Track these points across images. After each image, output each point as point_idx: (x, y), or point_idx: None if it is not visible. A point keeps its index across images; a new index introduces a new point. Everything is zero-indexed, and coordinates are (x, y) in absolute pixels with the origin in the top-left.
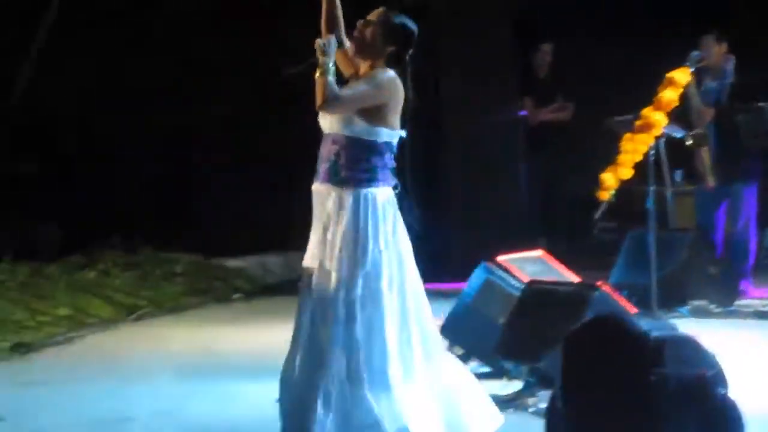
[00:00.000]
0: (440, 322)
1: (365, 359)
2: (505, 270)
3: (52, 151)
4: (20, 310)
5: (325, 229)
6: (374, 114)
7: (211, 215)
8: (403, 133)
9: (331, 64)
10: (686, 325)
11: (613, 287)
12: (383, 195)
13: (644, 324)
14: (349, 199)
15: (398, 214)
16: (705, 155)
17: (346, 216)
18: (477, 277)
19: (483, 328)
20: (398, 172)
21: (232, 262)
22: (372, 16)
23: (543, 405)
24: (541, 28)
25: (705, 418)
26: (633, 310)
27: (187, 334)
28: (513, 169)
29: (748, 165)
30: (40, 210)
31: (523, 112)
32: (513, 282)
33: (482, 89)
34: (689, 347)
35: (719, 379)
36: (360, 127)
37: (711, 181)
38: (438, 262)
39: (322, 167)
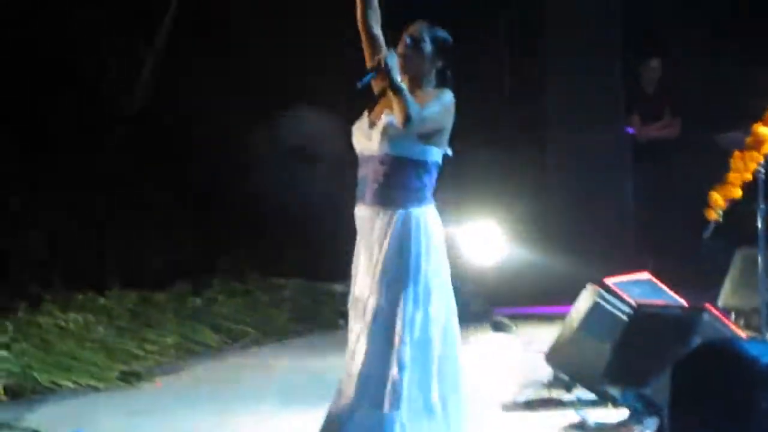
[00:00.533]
0: (544, 348)
1: (414, 384)
2: (612, 293)
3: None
4: (128, 339)
5: (373, 254)
6: (431, 135)
7: (320, 238)
8: (449, 151)
9: (401, 80)
10: None
11: (721, 310)
12: (432, 213)
13: (755, 348)
14: (399, 220)
15: (442, 232)
16: None
17: (395, 238)
18: (583, 300)
19: (588, 353)
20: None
21: (340, 287)
22: (416, 32)
23: None
24: (649, 42)
25: None
26: (742, 333)
27: (293, 362)
28: (619, 187)
29: None
30: (148, 237)
31: (630, 129)
32: (620, 305)
33: (588, 105)
34: None
35: None
36: (412, 146)
37: None
38: (544, 284)
39: (369, 189)
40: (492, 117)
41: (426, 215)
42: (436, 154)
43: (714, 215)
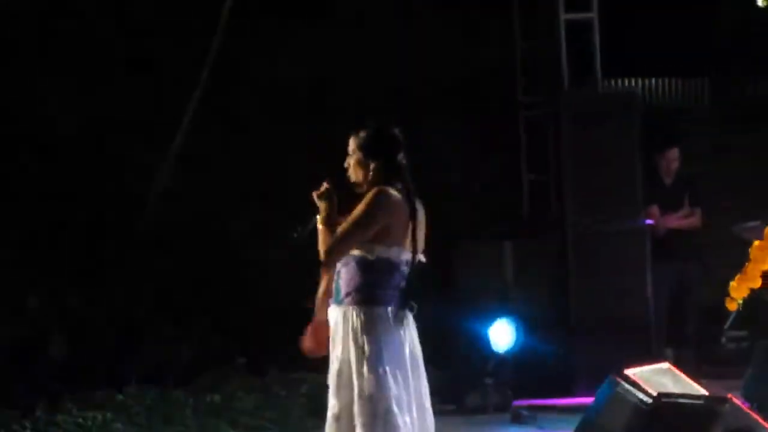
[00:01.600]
0: None
1: None
2: (633, 383)
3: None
4: None
5: (334, 348)
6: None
7: None
8: (409, 256)
9: (325, 214)
10: None
11: (744, 400)
12: (380, 315)
13: None
14: (347, 319)
15: (409, 333)
16: None
17: (344, 337)
18: (604, 391)
19: None
20: None
21: None
22: (349, 145)
23: None
24: (669, 131)
25: None
26: (765, 424)
27: None
28: (639, 278)
29: None
30: (166, 333)
31: (649, 221)
32: (640, 395)
33: (607, 197)
34: None
35: None
36: (362, 246)
37: None
38: (565, 375)
39: (336, 289)
40: (513, 209)
41: (375, 316)
42: (382, 252)
43: (734, 305)
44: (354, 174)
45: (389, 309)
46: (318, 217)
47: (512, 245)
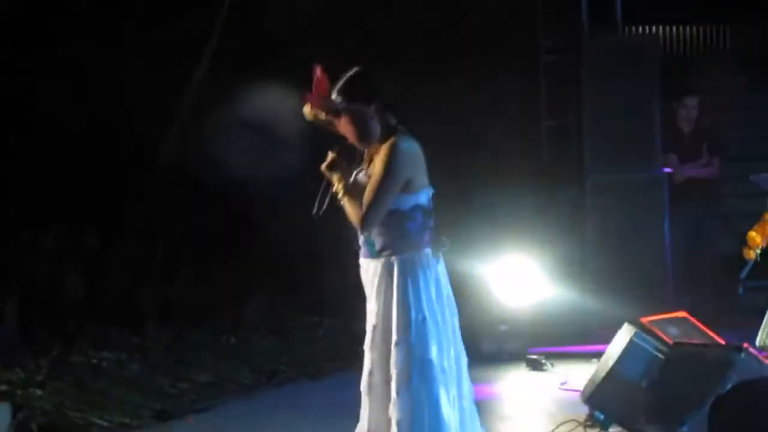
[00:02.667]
0: (580, 386)
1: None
2: (649, 332)
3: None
4: (162, 377)
5: (370, 302)
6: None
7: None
8: (430, 191)
9: (341, 184)
10: None
11: (759, 349)
12: (421, 259)
13: None
14: (388, 270)
15: (443, 276)
16: None
17: (383, 287)
18: (620, 339)
19: (625, 391)
20: None
21: None
22: (326, 104)
23: None
24: (688, 80)
25: None
26: None
27: (326, 399)
28: (657, 227)
29: None
30: (185, 275)
31: (667, 169)
32: (657, 344)
33: (625, 146)
34: None
35: None
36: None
37: None
38: (580, 323)
39: (361, 242)
40: (532, 158)
41: (415, 261)
42: (411, 200)
43: (751, 255)
44: (350, 135)
45: (426, 251)
46: (335, 188)
47: (530, 192)
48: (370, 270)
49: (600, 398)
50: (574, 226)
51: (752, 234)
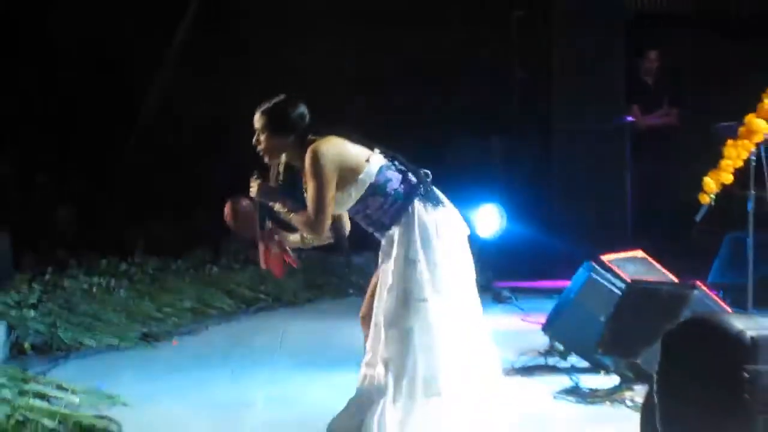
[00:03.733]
0: (542, 318)
1: (413, 371)
2: (608, 269)
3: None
4: (148, 302)
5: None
6: (341, 181)
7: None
8: (378, 156)
9: (280, 205)
10: None
11: (711, 287)
12: (419, 215)
13: (739, 323)
14: (395, 233)
15: (445, 230)
16: None
17: (396, 248)
18: (580, 275)
19: (584, 324)
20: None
21: (357, 258)
22: (256, 124)
23: (639, 399)
24: (648, 35)
25: None
26: (729, 309)
27: (303, 326)
28: (618, 173)
29: None
30: (168, 208)
31: (629, 118)
32: (615, 281)
33: (590, 97)
34: None
35: None
36: (351, 191)
37: None
38: (544, 261)
39: (374, 231)
40: (502, 108)
41: (411, 218)
42: (368, 176)
43: (707, 199)
44: (268, 153)
45: (416, 201)
46: (276, 208)
47: (500, 139)
48: (385, 242)
49: (560, 330)
50: (542, 171)
51: (707, 180)
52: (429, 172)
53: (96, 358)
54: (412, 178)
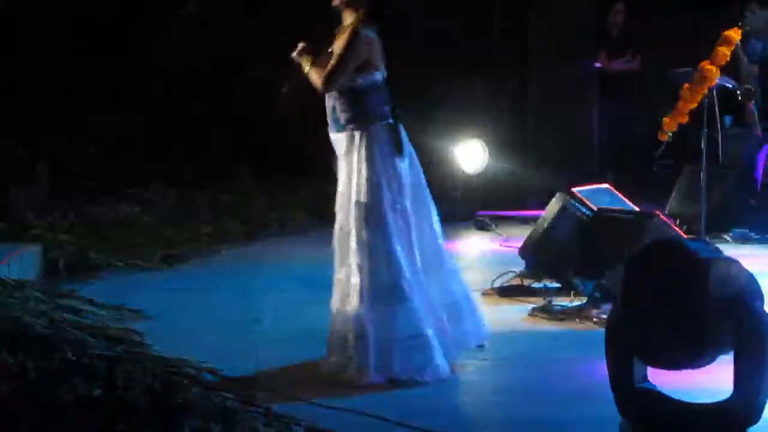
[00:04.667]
0: (518, 244)
1: (377, 278)
2: (577, 199)
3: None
4: (169, 227)
5: (341, 169)
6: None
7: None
8: (384, 72)
9: (307, 61)
10: (729, 250)
11: (669, 216)
12: (377, 131)
13: (694, 246)
14: (349, 141)
15: (405, 146)
16: (752, 107)
17: (348, 156)
18: (553, 205)
19: (555, 249)
20: None
21: None
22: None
23: (605, 316)
24: None
25: (743, 329)
26: (684, 235)
27: (307, 251)
28: (587, 113)
29: None
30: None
31: (597, 64)
32: (583, 209)
33: (563, 43)
34: (731, 267)
35: (756, 294)
36: (358, 78)
37: (757, 129)
38: (520, 192)
39: (329, 119)
40: (483, 51)
41: (371, 133)
42: (367, 78)
43: (665, 137)
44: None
45: (384, 124)
46: (303, 68)
47: (482, 81)
48: (338, 142)
49: (535, 254)
50: (519, 110)
51: (666, 120)
52: (401, 113)
53: (122, 277)
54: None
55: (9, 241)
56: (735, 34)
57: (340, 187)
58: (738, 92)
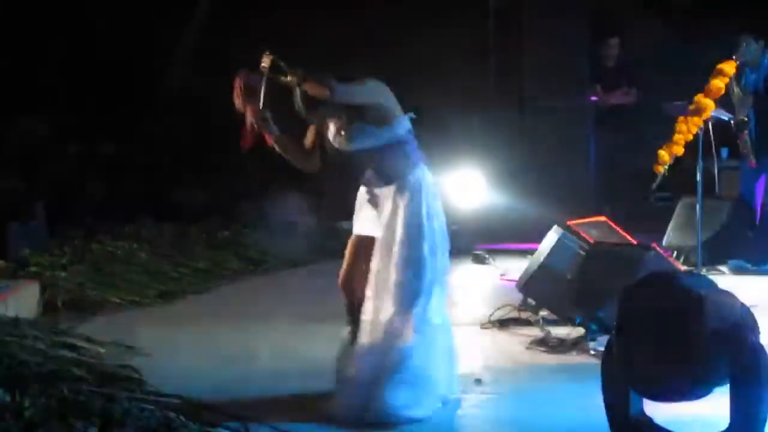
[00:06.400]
0: (516, 277)
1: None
2: (574, 232)
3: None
4: (167, 264)
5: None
6: (377, 118)
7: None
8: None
9: (290, 77)
10: (726, 281)
11: (665, 248)
12: (417, 177)
13: (689, 281)
14: (396, 193)
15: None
16: (746, 138)
17: (392, 206)
18: (549, 238)
19: (553, 282)
20: None
21: (346, 225)
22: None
23: (602, 348)
24: (609, 24)
25: (738, 361)
26: (681, 267)
27: (303, 284)
28: (584, 146)
29: None
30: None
31: (593, 97)
32: (580, 243)
33: (559, 77)
34: (726, 300)
35: (751, 327)
36: (383, 131)
37: (752, 160)
38: (517, 225)
39: (369, 176)
40: (480, 87)
41: (413, 180)
42: (401, 127)
43: (661, 169)
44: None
45: (423, 167)
46: (289, 79)
47: (479, 118)
48: (381, 194)
49: (532, 287)
50: (515, 143)
51: (661, 152)
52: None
53: (120, 313)
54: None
55: (7, 278)
56: (729, 67)
57: (379, 232)
58: (732, 123)
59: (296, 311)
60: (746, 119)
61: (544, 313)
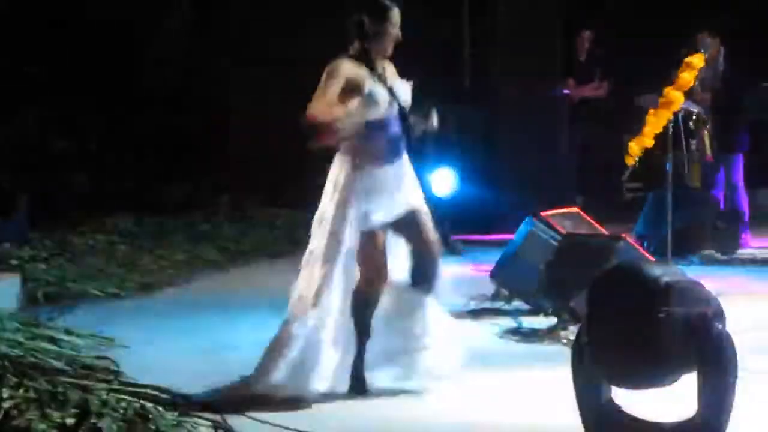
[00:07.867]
0: (489, 267)
1: None
2: (546, 223)
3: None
4: (146, 256)
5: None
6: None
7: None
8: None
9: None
10: (695, 271)
11: (635, 239)
12: None
13: (657, 270)
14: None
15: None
16: (705, 134)
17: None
18: (523, 229)
19: (526, 272)
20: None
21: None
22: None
23: (573, 337)
24: (583, 18)
25: (705, 349)
26: (651, 258)
27: (282, 277)
28: (555, 138)
29: (739, 138)
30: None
31: (565, 91)
32: (552, 234)
33: (532, 71)
34: (694, 289)
35: (718, 316)
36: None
37: (711, 154)
38: (492, 216)
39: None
40: (454, 80)
41: None
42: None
43: (631, 161)
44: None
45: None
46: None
47: (454, 109)
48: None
49: (505, 277)
50: (490, 136)
51: (632, 144)
52: None
53: (100, 305)
54: None
55: None
56: (697, 60)
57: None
58: (696, 117)
59: (273, 302)
60: (704, 117)
61: (517, 302)
